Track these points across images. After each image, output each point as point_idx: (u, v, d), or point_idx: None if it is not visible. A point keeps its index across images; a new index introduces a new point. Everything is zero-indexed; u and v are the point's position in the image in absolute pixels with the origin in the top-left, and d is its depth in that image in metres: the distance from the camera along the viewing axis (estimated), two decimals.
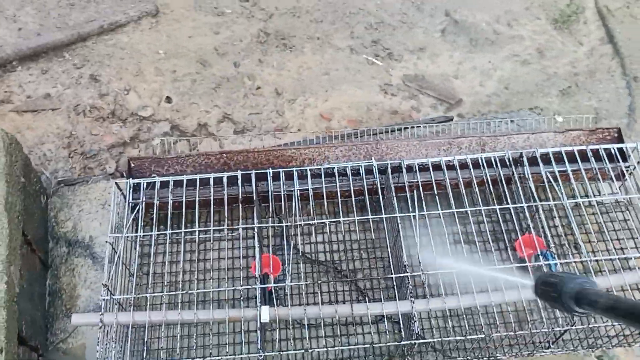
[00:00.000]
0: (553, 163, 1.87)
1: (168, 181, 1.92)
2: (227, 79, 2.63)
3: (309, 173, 1.92)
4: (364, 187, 1.91)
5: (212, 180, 1.90)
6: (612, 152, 1.92)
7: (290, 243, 2.04)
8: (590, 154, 1.90)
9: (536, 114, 2.53)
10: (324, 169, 1.96)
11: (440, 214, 1.80)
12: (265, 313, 1.65)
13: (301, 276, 1.98)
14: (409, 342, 1.64)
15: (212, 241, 1.91)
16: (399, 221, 1.82)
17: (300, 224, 1.84)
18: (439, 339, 1.67)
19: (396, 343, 1.66)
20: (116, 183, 1.88)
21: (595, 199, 1.86)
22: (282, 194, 1.89)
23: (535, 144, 2.10)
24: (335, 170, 1.95)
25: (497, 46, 2.87)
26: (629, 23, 2.97)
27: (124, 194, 1.91)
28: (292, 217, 1.87)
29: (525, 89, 2.71)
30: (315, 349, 1.65)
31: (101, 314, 1.63)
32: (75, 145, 2.39)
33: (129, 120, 2.48)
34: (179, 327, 1.66)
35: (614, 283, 1.67)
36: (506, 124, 2.30)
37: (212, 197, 1.89)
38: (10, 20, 2.75)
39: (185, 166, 2.08)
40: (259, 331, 1.66)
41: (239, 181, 1.91)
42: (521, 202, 1.86)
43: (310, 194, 1.89)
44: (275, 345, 1.87)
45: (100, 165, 2.34)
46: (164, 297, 1.70)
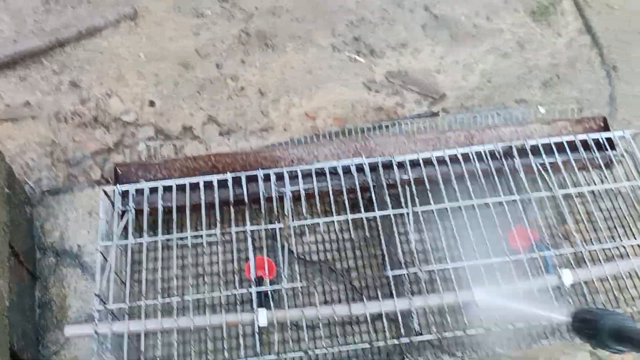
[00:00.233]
0: (543, 154, 1.88)
1: (157, 187, 1.89)
2: (210, 81, 2.60)
3: (299, 173, 1.91)
4: (355, 185, 1.90)
5: (202, 183, 1.88)
6: (600, 140, 1.93)
7: (283, 244, 2.02)
8: (579, 143, 1.91)
9: (521, 106, 2.53)
10: (314, 168, 1.94)
11: (433, 210, 1.79)
12: (262, 316, 1.63)
13: (296, 277, 1.96)
14: (409, 339, 1.63)
15: (204, 245, 1.89)
16: (392, 218, 1.81)
17: (293, 225, 1.83)
18: (439, 335, 1.67)
19: (396, 341, 1.65)
20: (104, 190, 1.85)
21: (586, 188, 1.87)
22: (273, 195, 1.87)
23: (522, 135, 2.11)
24: (327, 170, 1.94)
25: (478, 40, 2.88)
26: (605, 13, 2.99)
27: (111, 201, 1.88)
28: (285, 218, 1.85)
29: (507, 82, 2.72)
30: (316, 350, 1.64)
31: (95, 324, 1.60)
32: (58, 153, 2.34)
33: (112, 125, 2.43)
34: (175, 334, 1.63)
35: (609, 272, 1.69)
36: (492, 117, 2.31)
37: (202, 201, 1.86)
38: None
39: (173, 170, 2.05)
40: (256, 335, 1.65)
41: (230, 184, 1.89)
42: (513, 194, 1.86)
43: (302, 194, 1.88)
44: (273, 348, 1.85)
45: (85, 173, 2.29)
46: (157, 304, 1.68)
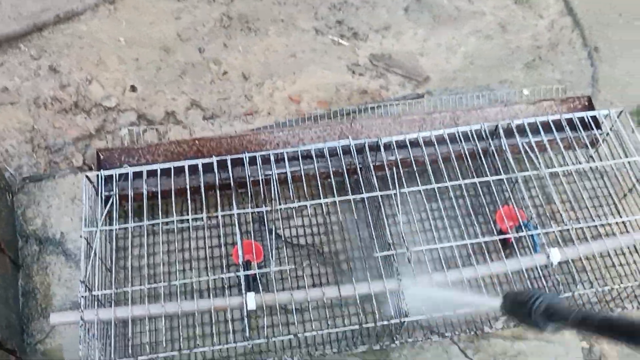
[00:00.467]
0: (529, 133, 1.88)
1: (141, 171, 1.86)
2: (193, 65, 2.56)
3: (285, 156, 1.89)
4: (342, 167, 1.88)
5: (186, 168, 1.85)
6: (586, 119, 1.94)
7: (271, 228, 2.01)
8: (564, 122, 1.92)
9: (505, 88, 2.53)
10: (300, 151, 1.93)
11: (421, 191, 1.79)
12: (251, 300, 1.62)
13: (284, 261, 1.95)
14: (398, 320, 1.63)
15: (190, 230, 1.87)
16: (380, 200, 1.80)
17: (280, 208, 1.81)
18: (428, 315, 1.67)
19: (385, 322, 1.65)
20: (87, 176, 1.82)
21: (572, 167, 1.88)
22: (259, 178, 1.85)
23: (508, 116, 2.11)
24: (313, 152, 1.92)
25: (460, 22, 2.87)
26: None
27: (95, 186, 1.85)
28: (272, 201, 1.83)
29: (490, 64, 2.72)
30: (305, 334, 1.63)
31: (81, 312, 1.57)
32: (38, 140, 2.29)
33: (93, 111, 2.39)
34: (162, 320, 1.61)
35: (596, 249, 1.70)
36: (477, 99, 2.30)
37: (187, 186, 1.84)
38: None
39: (157, 155, 2.02)
40: (245, 319, 1.63)
41: (215, 168, 1.86)
42: (500, 174, 1.86)
43: (289, 177, 1.86)
44: (263, 332, 1.84)
45: (67, 159, 2.25)
46: (144, 290, 1.65)
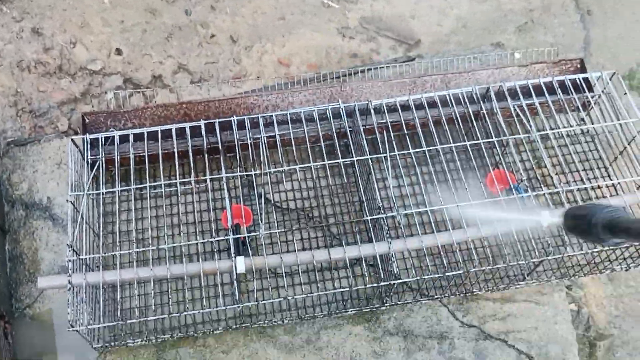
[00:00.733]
0: (520, 96, 1.85)
1: (127, 135, 1.83)
2: (180, 28, 2.51)
3: (275, 119, 1.86)
4: (332, 131, 1.86)
5: (174, 131, 1.82)
6: (578, 82, 1.92)
7: (260, 192, 1.99)
8: (556, 85, 1.90)
9: (497, 50, 2.50)
10: (289, 114, 1.90)
11: (412, 154, 1.77)
12: (241, 263, 1.61)
13: (273, 225, 1.94)
14: (388, 283, 1.63)
15: (178, 195, 1.85)
16: (370, 163, 1.79)
17: (269, 172, 1.79)
18: (418, 278, 1.67)
19: (375, 285, 1.65)
20: (72, 140, 1.78)
21: (563, 129, 1.86)
22: (248, 142, 1.83)
23: (499, 79, 2.09)
24: (302, 115, 1.89)
25: None
26: None
27: (80, 151, 1.82)
28: (261, 165, 1.81)
29: (482, 27, 2.68)
30: (295, 297, 1.62)
31: (69, 275, 1.56)
32: (22, 104, 2.25)
33: (78, 74, 2.34)
34: (151, 284, 1.60)
35: None
36: (469, 61, 2.27)
37: (175, 149, 1.81)
38: None
39: (144, 119, 1.99)
40: (235, 282, 1.62)
41: (203, 131, 1.83)
42: (491, 137, 1.84)
43: (278, 140, 1.83)
44: (252, 296, 1.84)
45: (52, 124, 2.22)
46: (132, 254, 1.64)
